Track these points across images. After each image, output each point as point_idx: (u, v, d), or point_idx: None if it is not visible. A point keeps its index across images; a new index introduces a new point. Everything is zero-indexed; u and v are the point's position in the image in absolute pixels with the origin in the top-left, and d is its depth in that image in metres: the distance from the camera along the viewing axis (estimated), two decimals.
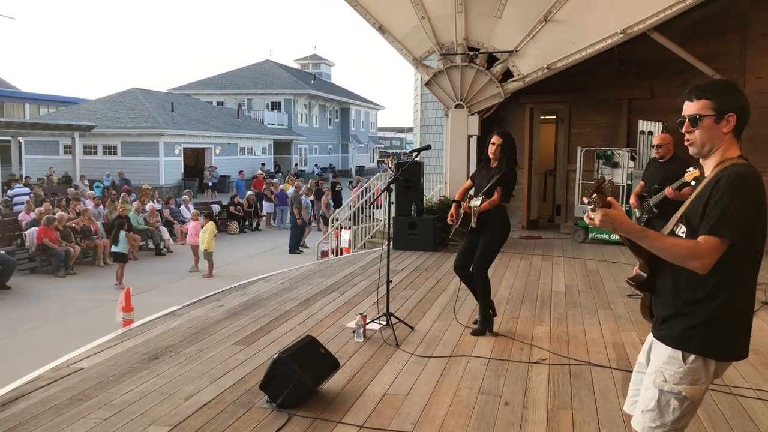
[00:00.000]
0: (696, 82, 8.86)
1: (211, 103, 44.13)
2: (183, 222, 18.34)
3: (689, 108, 2.33)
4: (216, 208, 20.49)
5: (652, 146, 6.73)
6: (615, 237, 10.46)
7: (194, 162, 35.20)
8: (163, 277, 13.22)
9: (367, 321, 5.49)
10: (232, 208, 20.60)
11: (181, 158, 31.97)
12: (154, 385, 4.31)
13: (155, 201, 18.76)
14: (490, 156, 5.45)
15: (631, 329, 5.75)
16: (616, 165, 11.19)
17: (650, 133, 10.65)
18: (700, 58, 9.99)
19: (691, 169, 6.03)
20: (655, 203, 6.43)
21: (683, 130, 2.36)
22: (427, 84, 10.98)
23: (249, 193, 22.56)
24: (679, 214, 2.36)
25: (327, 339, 5.27)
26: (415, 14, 10.56)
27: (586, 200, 2.21)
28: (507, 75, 10.64)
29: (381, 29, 10.91)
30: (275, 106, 46.61)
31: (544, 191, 14.07)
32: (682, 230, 2.33)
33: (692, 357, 2.26)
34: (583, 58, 10.07)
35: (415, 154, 5.71)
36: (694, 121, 2.31)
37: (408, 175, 9.64)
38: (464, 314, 6.11)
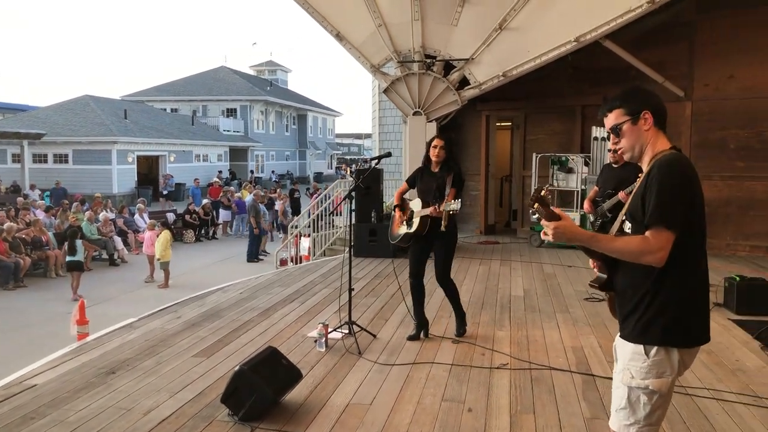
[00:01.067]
0: (647, 88, 9.05)
1: (165, 109, 43.51)
2: (137, 231, 18.00)
3: (608, 122, 2.48)
4: (171, 216, 20.18)
5: (609, 151, 6.85)
6: None
7: (148, 170, 34.58)
8: (118, 287, 12.94)
9: (329, 330, 5.46)
10: (187, 217, 20.30)
11: (135, 166, 31.38)
12: (111, 401, 4.21)
13: (108, 210, 18.37)
14: (432, 158, 5.43)
15: (590, 333, 5.84)
16: (570, 170, 11.38)
17: (603, 139, 10.86)
18: (650, 66, 10.25)
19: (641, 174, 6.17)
20: (609, 207, 6.55)
21: (612, 145, 2.51)
22: (386, 91, 11.00)
23: (205, 201, 22.27)
24: (624, 211, 2.46)
25: (288, 349, 5.22)
26: (372, 22, 10.58)
27: (530, 210, 2.27)
28: (464, 82, 10.74)
29: (338, 36, 10.90)
30: (231, 112, 46.17)
31: (500, 197, 14.23)
32: (628, 226, 2.42)
33: (654, 349, 2.30)
34: (537, 66, 10.22)
35: (375, 161, 5.69)
36: (616, 131, 2.45)
37: (368, 182, 9.64)
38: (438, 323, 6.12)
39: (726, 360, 5.01)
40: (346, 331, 5.57)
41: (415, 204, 5.50)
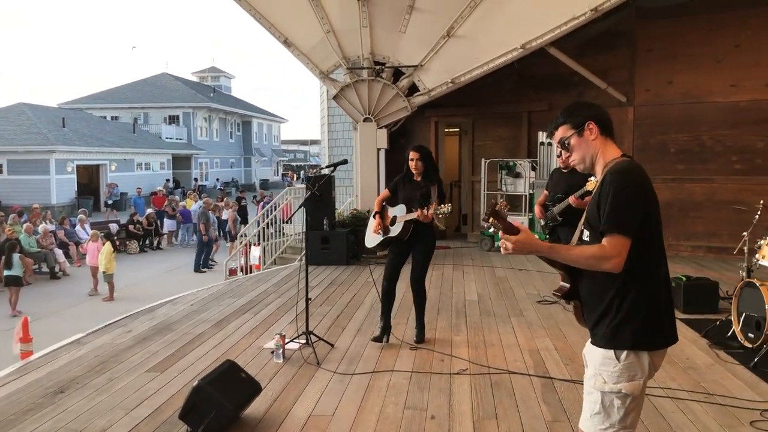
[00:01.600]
0: (590, 94, 9.32)
1: (105, 117, 42.33)
2: (79, 243, 17.45)
3: (556, 139, 2.57)
4: (114, 227, 19.65)
5: (558, 156, 6.96)
6: None
7: (88, 180, 33.58)
8: (61, 302, 12.52)
9: (286, 340, 5.38)
10: (131, 227, 19.80)
11: (74, 176, 30.43)
12: (61, 422, 4.04)
13: (48, 222, 17.75)
14: (413, 171, 5.55)
15: (545, 335, 5.93)
16: (518, 175, 11.57)
17: (549, 144, 11.08)
18: (593, 72, 10.51)
19: (592, 178, 6.29)
20: (559, 212, 6.64)
21: (564, 159, 2.55)
22: (335, 98, 10.97)
23: (149, 210, 21.75)
24: (582, 219, 2.50)
25: (245, 362, 5.12)
26: (320, 28, 10.55)
27: (485, 225, 2.28)
28: (413, 89, 10.80)
29: (286, 43, 10.82)
30: (173, 119, 45.25)
31: (450, 202, 14.31)
32: (586, 234, 2.45)
33: (624, 353, 2.33)
34: (485, 73, 10.37)
35: (332, 168, 5.66)
36: (564, 145, 2.53)
37: (320, 189, 9.55)
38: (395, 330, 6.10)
39: (677, 358, 5.14)
40: (304, 342, 5.51)
41: (397, 210, 5.53)
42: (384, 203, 5.75)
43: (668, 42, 10.59)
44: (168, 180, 36.76)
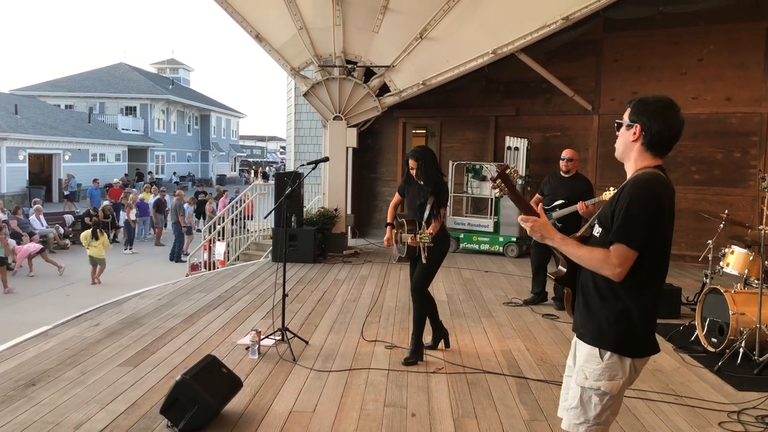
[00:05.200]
0: (557, 101, 9.54)
1: (60, 106, 41.21)
2: (32, 234, 16.96)
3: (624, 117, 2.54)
4: (69, 218, 19.18)
5: (562, 159, 6.96)
6: (483, 247, 10.96)
7: (40, 169, 32.65)
8: (16, 294, 12.14)
9: (261, 336, 5.36)
10: (87, 219, 19.32)
11: (26, 164, 29.56)
12: (36, 414, 3.95)
13: (1, 211, 17.19)
14: (415, 178, 5.26)
15: (515, 336, 6.03)
16: (484, 178, 11.70)
17: (516, 148, 11.27)
18: (561, 80, 10.72)
19: (612, 188, 6.44)
20: (559, 217, 6.72)
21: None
22: (306, 95, 10.92)
23: (105, 202, 21.26)
24: (598, 212, 2.57)
25: (220, 357, 5.03)
26: (293, 24, 10.48)
27: (492, 186, 2.36)
28: (384, 89, 10.83)
29: (258, 38, 10.73)
30: (130, 111, 44.38)
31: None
32: (597, 230, 2.52)
33: (608, 354, 2.41)
34: (456, 76, 10.46)
35: (312, 165, 5.63)
36: (617, 126, 2.55)
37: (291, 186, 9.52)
38: (357, 328, 6.13)
39: None
40: (279, 338, 5.49)
41: (424, 236, 5.05)
42: (397, 212, 5.47)
43: (634, 53, 10.89)
44: (126, 174, 36.03)
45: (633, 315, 2.39)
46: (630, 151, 2.48)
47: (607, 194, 6.33)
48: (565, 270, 2.61)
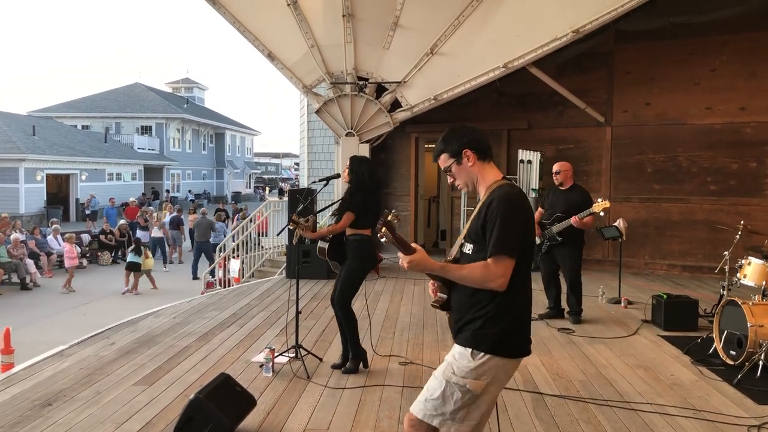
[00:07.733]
0: (569, 113, 9.47)
1: (76, 126, 41.75)
2: (50, 254, 17.16)
3: (441, 165, 2.74)
4: (86, 237, 19.34)
5: (555, 173, 6.97)
6: None
7: (57, 189, 33.04)
8: (33, 313, 12.24)
9: (275, 354, 5.36)
10: (103, 237, 19.52)
11: (44, 185, 29.94)
12: None
13: (18, 231, 17.39)
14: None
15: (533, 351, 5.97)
16: None
17: (529, 162, 11.24)
18: (573, 92, 10.69)
19: (600, 200, 6.39)
20: (558, 231, 6.68)
21: (450, 183, 2.74)
22: (318, 112, 10.99)
23: (121, 221, 21.46)
24: (464, 233, 2.68)
25: (234, 375, 5.03)
26: (305, 42, 10.58)
27: (379, 235, 2.48)
28: (396, 105, 10.87)
29: (270, 56, 10.83)
30: (146, 130, 44.88)
31: (428, 217, 14.43)
32: (468, 248, 2.64)
33: (481, 354, 2.51)
34: (467, 90, 10.48)
35: (324, 182, 5.66)
36: (448, 172, 2.72)
37: (304, 202, 9.55)
38: (371, 344, 6.11)
39: (662, 375, 5.24)
40: (292, 355, 5.49)
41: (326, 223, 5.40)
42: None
43: (646, 65, 10.85)
44: (144, 194, 36.38)
45: (505, 320, 2.52)
46: (474, 175, 2.66)
47: (597, 206, 6.30)
48: (446, 296, 2.70)
